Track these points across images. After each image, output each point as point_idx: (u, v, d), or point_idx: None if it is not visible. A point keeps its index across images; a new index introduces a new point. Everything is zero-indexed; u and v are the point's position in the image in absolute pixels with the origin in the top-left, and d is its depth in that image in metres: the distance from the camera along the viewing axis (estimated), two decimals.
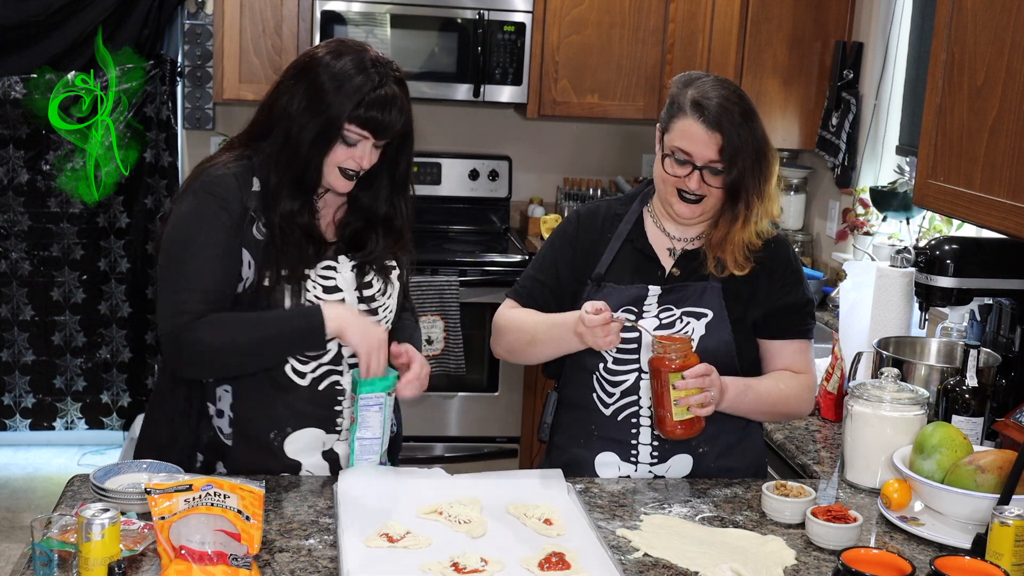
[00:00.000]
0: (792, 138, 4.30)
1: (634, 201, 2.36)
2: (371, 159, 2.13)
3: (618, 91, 4.47)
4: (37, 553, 1.71)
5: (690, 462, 2.27)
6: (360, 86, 2.06)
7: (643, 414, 2.25)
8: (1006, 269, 2.62)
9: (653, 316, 2.25)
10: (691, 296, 2.25)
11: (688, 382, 2.10)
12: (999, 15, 2.35)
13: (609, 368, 2.26)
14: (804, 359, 2.32)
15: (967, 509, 2.04)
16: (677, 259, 2.29)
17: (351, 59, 2.08)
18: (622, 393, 2.26)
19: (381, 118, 2.08)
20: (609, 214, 2.35)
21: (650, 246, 2.31)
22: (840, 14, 4.18)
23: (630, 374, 2.25)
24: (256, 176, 2.12)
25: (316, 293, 2.14)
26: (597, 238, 2.33)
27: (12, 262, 4.81)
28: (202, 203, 2.09)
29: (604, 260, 2.30)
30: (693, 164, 2.18)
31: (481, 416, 4.40)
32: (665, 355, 2.11)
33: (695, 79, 2.23)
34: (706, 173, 2.18)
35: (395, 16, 4.33)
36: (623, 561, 1.89)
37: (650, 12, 4.42)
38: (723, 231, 2.23)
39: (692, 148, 2.17)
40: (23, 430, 5.00)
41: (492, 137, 4.93)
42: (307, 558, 1.85)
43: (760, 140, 2.19)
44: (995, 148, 2.35)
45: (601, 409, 2.28)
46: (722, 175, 2.18)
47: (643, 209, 2.34)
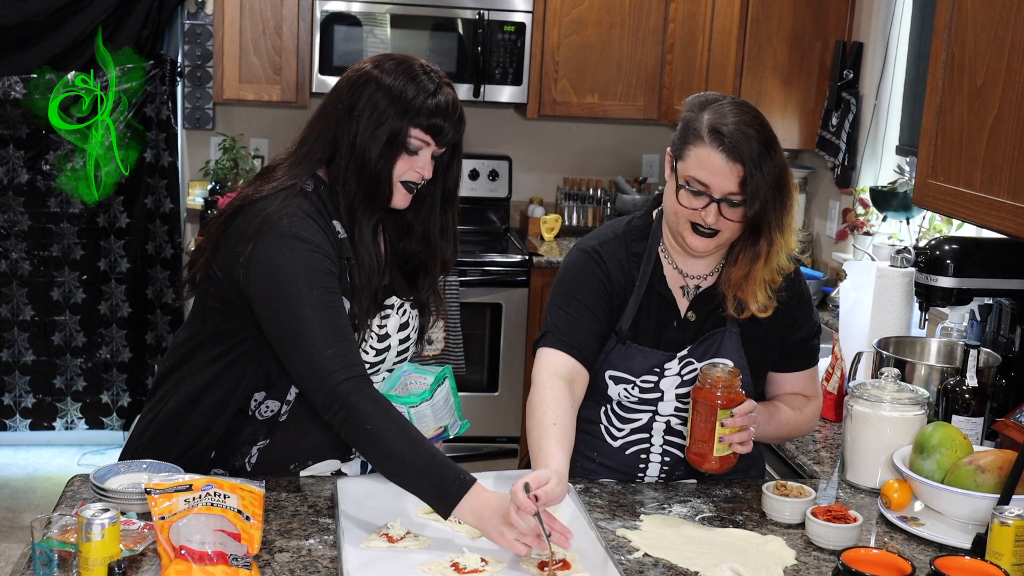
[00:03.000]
0: (792, 138, 4.30)
1: (647, 237, 2.20)
2: (431, 169, 2.11)
3: (618, 91, 4.47)
4: (37, 553, 1.71)
5: (695, 482, 2.26)
6: (418, 92, 2.05)
7: (653, 451, 2.23)
8: (1006, 269, 2.62)
9: (675, 374, 2.18)
10: (711, 349, 2.17)
11: (736, 420, 2.05)
12: (999, 15, 2.34)
13: (623, 406, 2.22)
14: (814, 384, 2.32)
15: (967, 509, 2.04)
16: (692, 301, 2.18)
17: (401, 69, 2.07)
18: (632, 431, 2.23)
19: (442, 123, 2.07)
20: (628, 254, 2.19)
21: (669, 291, 2.18)
22: (840, 14, 4.18)
23: (643, 414, 2.22)
24: (335, 219, 2.07)
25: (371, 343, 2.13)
26: (625, 283, 2.17)
27: (12, 262, 4.81)
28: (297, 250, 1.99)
29: (629, 310, 2.16)
30: (711, 197, 2.01)
31: (481, 416, 4.40)
32: (716, 390, 2.05)
33: (711, 101, 2.05)
34: (724, 206, 2.02)
35: (395, 16, 4.33)
36: (623, 561, 1.89)
37: (650, 12, 4.42)
38: (743, 270, 2.09)
39: (710, 179, 2.00)
40: (23, 430, 5.00)
41: (492, 137, 4.93)
42: (307, 558, 1.85)
43: (781, 170, 2.03)
44: (995, 148, 2.35)
45: (608, 441, 2.25)
46: (740, 208, 2.02)
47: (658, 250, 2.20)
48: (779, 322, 2.20)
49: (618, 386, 2.19)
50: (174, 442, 2.15)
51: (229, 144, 4.65)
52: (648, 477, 2.24)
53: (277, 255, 1.99)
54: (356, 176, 2.06)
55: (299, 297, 1.97)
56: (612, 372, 2.19)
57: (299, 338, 1.97)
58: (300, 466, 2.17)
